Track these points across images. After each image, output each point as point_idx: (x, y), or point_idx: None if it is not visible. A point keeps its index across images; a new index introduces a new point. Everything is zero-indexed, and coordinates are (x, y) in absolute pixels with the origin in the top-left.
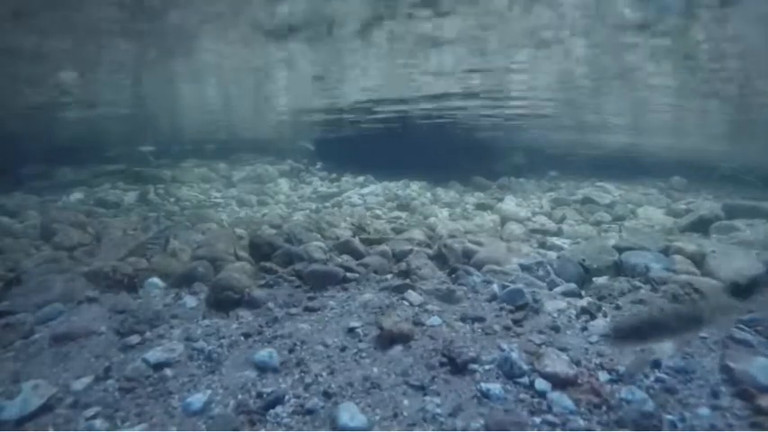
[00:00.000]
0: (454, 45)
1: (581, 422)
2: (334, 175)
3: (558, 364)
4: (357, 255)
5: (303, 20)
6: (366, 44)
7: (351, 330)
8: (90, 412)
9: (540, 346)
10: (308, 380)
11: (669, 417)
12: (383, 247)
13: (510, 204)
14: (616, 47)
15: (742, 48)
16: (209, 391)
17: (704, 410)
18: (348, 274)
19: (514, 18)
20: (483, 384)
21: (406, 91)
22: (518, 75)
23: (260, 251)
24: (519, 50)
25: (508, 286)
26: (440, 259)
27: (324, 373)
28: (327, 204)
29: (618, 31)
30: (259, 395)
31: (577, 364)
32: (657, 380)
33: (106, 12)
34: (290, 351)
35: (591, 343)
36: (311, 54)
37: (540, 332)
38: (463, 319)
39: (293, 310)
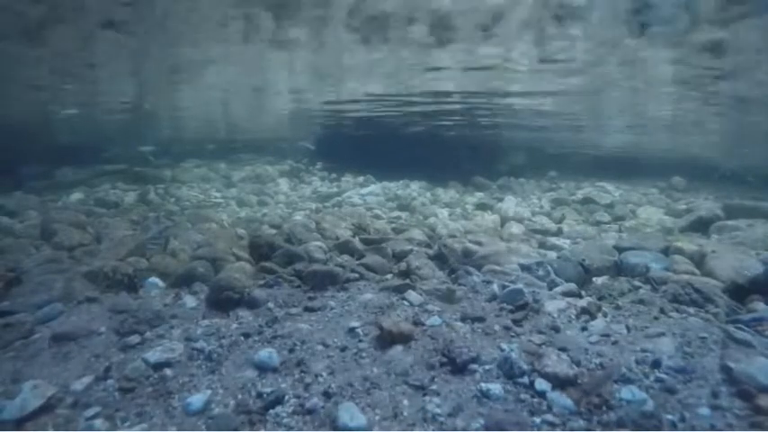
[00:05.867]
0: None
1: (581, 422)
2: (334, 175)
3: (558, 364)
4: (357, 255)
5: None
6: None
7: (351, 330)
8: (90, 412)
9: (540, 346)
10: (308, 380)
11: (669, 417)
12: (383, 246)
13: (510, 204)
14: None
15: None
16: (209, 391)
17: (704, 410)
18: (348, 274)
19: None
20: (483, 384)
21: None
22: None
23: (260, 251)
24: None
25: (508, 286)
26: (440, 259)
27: (324, 373)
28: (327, 204)
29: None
30: (259, 395)
31: (577, 364)
32: (657, 380)
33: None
34: (290, 351)
35: (591, 343)
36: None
37: (540, 332)
38: (463, 319)
39: (293, 310)
